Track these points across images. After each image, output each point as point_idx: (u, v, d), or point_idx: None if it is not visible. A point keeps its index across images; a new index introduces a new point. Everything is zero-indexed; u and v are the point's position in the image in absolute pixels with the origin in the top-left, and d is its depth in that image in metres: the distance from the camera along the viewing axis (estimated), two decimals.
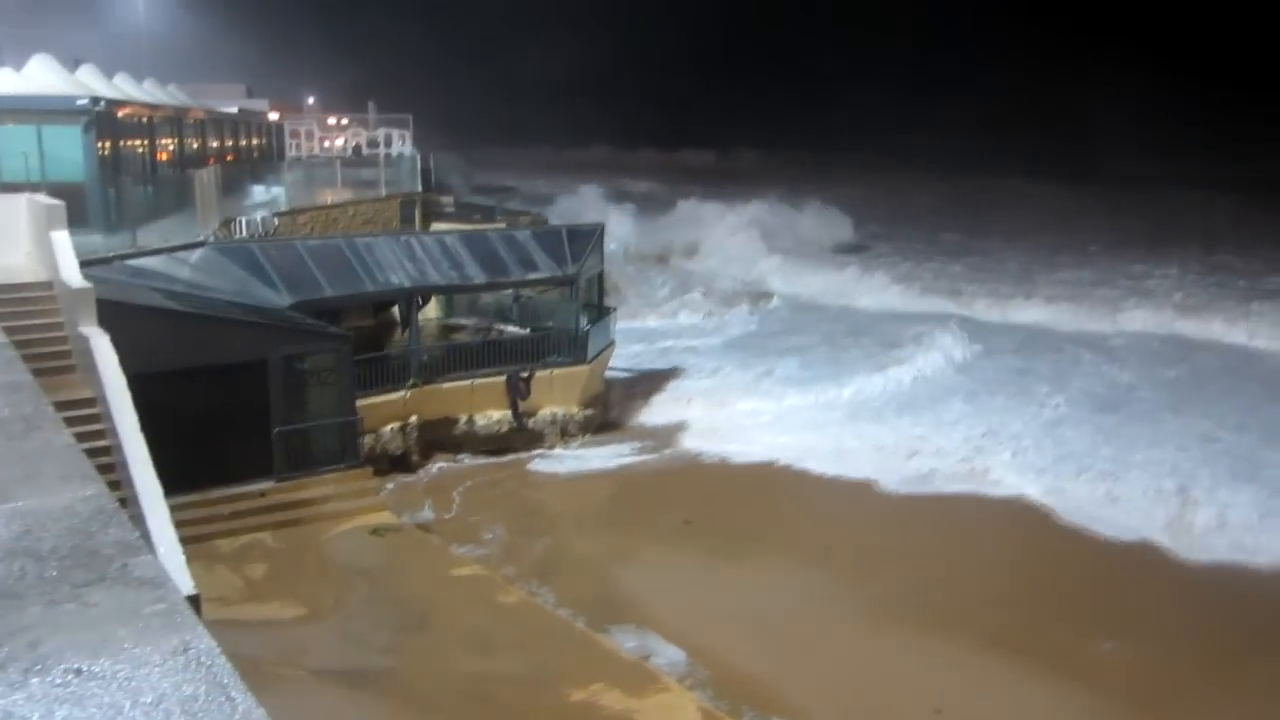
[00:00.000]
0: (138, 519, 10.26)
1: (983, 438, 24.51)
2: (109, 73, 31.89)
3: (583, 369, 25.96)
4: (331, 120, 58.57)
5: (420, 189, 43.37)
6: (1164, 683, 15.21)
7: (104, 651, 2.35)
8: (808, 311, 42.42)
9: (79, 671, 2.29)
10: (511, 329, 27.81)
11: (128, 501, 10.61)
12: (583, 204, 58.98)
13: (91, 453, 5.45)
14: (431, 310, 27.85)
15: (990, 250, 58.76)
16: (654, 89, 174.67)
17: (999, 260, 54.94)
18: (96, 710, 2.14)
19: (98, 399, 13.16)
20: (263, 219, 29.43)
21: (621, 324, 30.93)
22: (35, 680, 2.26)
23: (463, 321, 28.80)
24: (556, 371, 25.52)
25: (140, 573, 2.76)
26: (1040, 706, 14.68)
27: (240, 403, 18.58)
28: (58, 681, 2.25)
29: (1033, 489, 21.63)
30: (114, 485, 10.51)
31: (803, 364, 31.70)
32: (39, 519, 3.13)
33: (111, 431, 12.37)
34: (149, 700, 2.17)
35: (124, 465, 11.50)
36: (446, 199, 48.38)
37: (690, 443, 25.41)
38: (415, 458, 23.38)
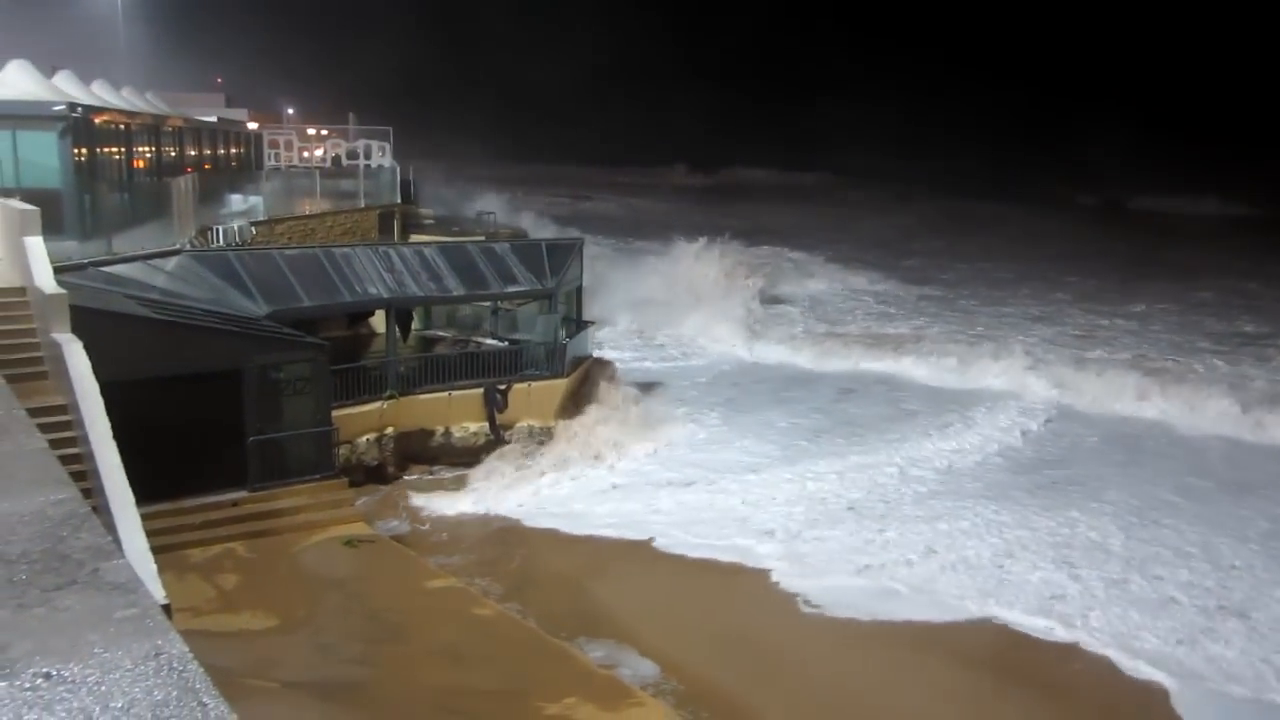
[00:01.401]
0: (108, 527, 10.14)
1: None
2: (87, 79, 31.68)
3: (560, 382, 25.94)
4: (311, 131, 58.41)
5: (400, 201, 43.31)
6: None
7: (74, 656, 2.32)
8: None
9: (48, 676, 2.27)
10: (489, 341, 27.76)
11: (99, 509, 10.49)
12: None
13: (63, 460, 5.39)
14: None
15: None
16: (643, 104, 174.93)
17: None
18: (65, 715, 2.12)
19: (70, 406, 13.03)
20: (240, 228, 29.29)
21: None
22: (3, 684, 2.24)
23: (440, 333, 28.74)
24: (534, 384, 25.49)
25: (112, 577, 2.74)
26: None
27: (214, 411, 18.43)
28: (26, 686, 2.23)
29: None
30: (85, 493, 10.38)
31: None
32: (9, 523, 3.10)
33: (83, 439, 12.24)
34: (119, 705, 2.15)
35: (95, 473, 11.38)
36: (426, 211, 48.32)
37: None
38: (391, 469, 23.26)
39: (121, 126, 30.66)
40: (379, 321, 26.49)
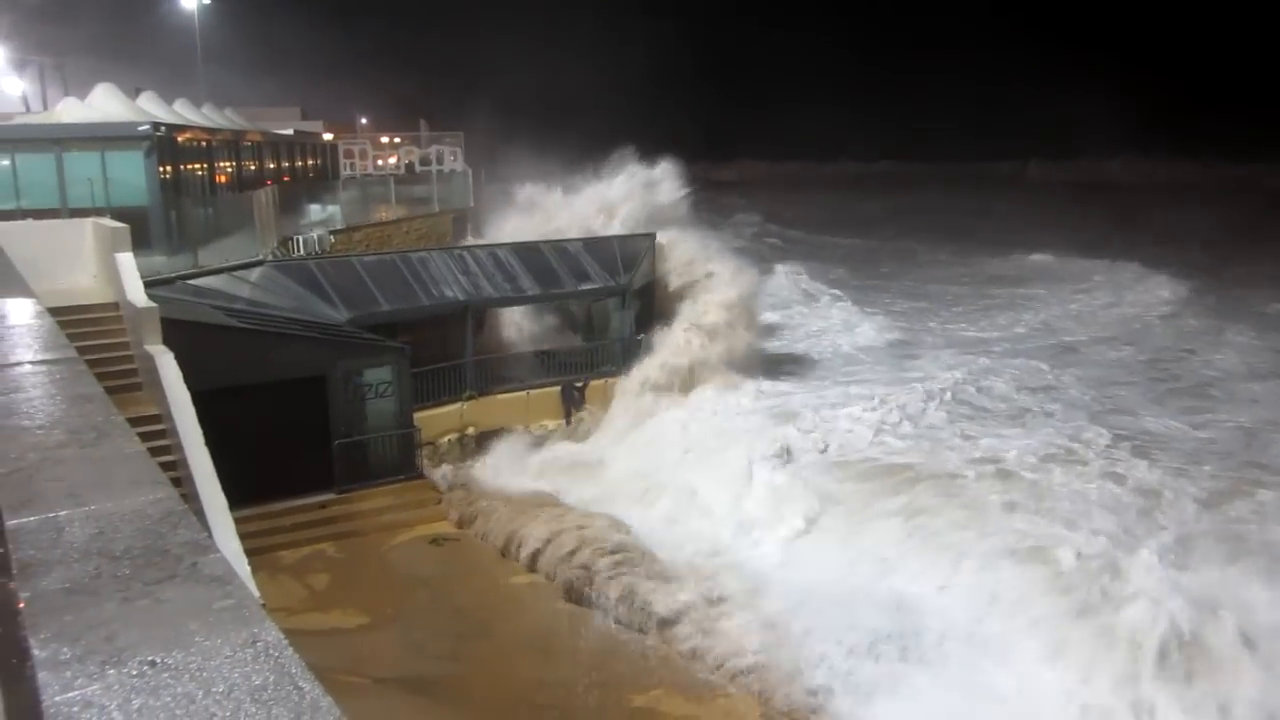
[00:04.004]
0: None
1: None
2: (168, 99, 32.67)
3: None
4: (384, 139, 59.32)
5: (472, 204, 43.81)
6: None
7: (176, 644, 2.41)
8: None
9: (153, 663, 2.36)
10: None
11: (194, 514, 10.83)
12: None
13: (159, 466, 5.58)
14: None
15: None
16: (685, 100, 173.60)
17: None
18: (171, 699, 2.20)
19: (163, 415, 13.46)
20: (319, 237, 29.96)
21: None
22: (112, 672, 2.33)
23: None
24: (610, 381, 25.59)
25: (209, 570, 2.85)
26: None
27: (301, 416, 18.89)
28: (134, 673, 2.32)
29: None
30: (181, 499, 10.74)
31: None
32: (112, 521, 3.24)
33: (177, 446, 12.64)
34: (220, 690, 2.23)
35: (189, 479, 11.75)
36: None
37: None
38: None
39: (203, 143, 31.53)
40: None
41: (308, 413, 19.04)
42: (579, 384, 24.96)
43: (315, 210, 37.17)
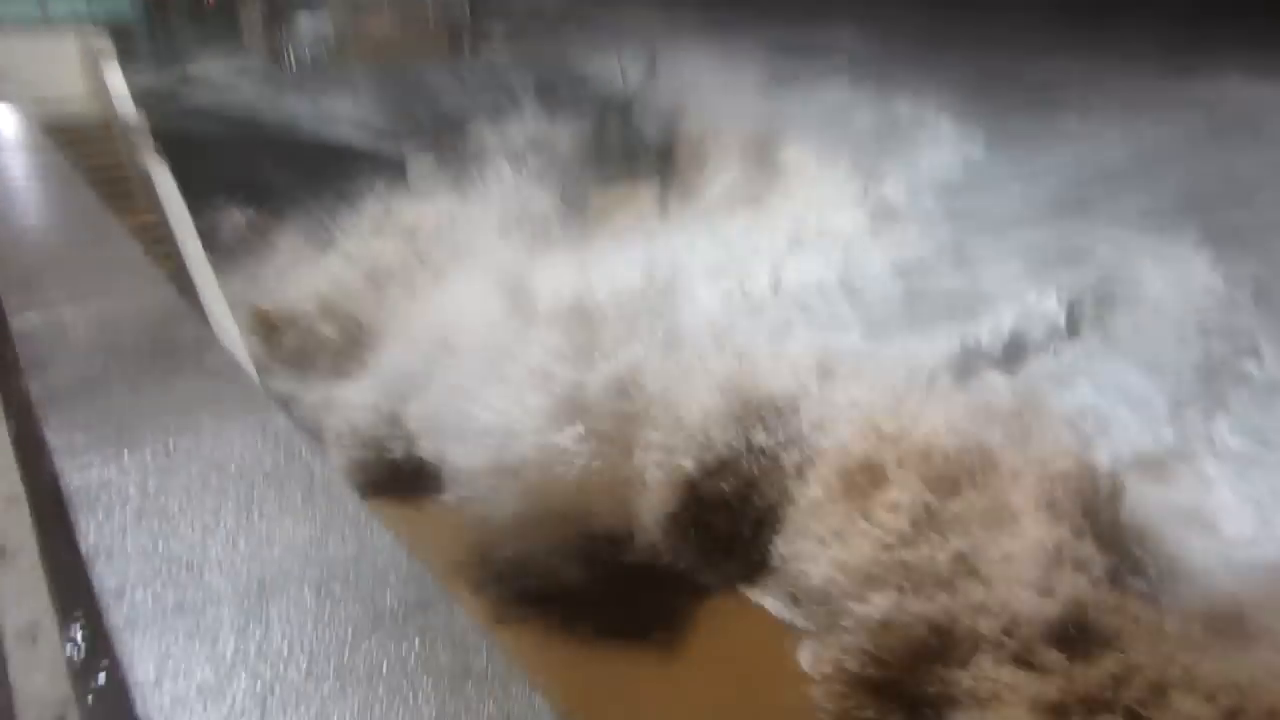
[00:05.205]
0: None
1: None
2: None
3: None
4: None
5: (470, 16, 42.28)
6: None
7: (187, 429, 2.49)
8: None
9: (166, 447, 2.43)
10: None
11: None
12: None
13: None
14: None
15: None
16: None
17: None
18: (186, 479, 2.29)
19: (160, 224, 13.44)
20: (310, 49, 29.01)
21: None
22: (127, 455, 2.41)
23: None
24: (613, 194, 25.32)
25: (214, 363, 2.90)
26: None
27: None
28: (148, 457, 2.40)
29: None
30: None
31: None
32: (115, 319, 3.29)
33: (176, 255, 12.69)
34: (233, 470, 2.31)
35: (191, 289, 11.85)
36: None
37: None
38: None
39: None
40: None
41: None
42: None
43: (305, 21, 35.85)
